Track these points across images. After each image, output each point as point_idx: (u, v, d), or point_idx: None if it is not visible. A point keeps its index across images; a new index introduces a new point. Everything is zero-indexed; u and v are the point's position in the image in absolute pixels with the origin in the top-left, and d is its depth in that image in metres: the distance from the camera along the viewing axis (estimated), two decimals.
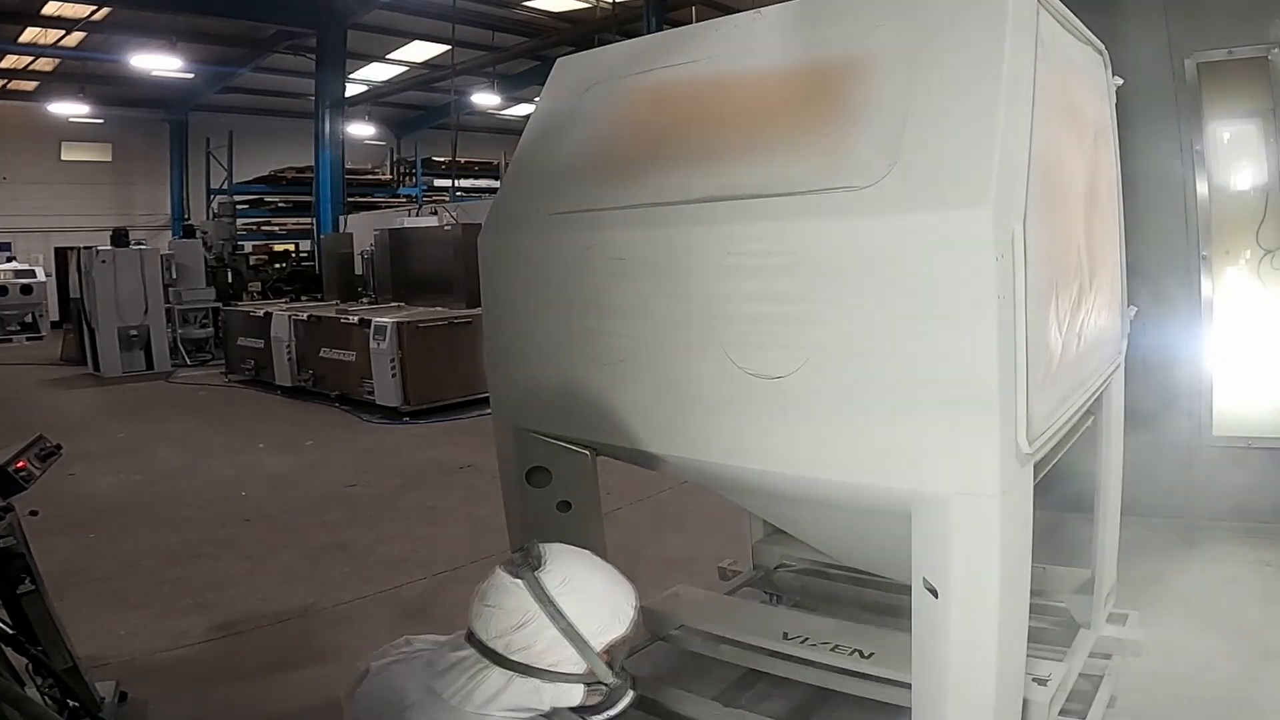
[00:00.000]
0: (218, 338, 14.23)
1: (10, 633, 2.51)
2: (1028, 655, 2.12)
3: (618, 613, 1.55)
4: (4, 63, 18.36)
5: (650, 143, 2.38)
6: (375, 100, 22.14)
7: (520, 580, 1.50)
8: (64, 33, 16.27)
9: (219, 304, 14.49)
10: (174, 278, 13.85)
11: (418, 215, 13.94)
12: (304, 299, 14.26)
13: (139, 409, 10.35)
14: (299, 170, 20.61)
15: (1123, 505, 3.15)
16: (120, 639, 3.97)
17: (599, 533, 2.61)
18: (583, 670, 1.50)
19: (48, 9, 15.25)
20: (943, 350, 1.76)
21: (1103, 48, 2.87)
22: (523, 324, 2.49)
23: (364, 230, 14.97)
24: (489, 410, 2.71)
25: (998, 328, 1.70)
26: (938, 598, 1.85)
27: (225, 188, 20.77)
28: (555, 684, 1.49)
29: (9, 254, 18.22)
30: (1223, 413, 4.66)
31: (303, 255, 20.85)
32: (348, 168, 18.83)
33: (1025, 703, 2.19)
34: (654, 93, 2.46)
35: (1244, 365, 4.68)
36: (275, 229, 22.31)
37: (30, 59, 18.29)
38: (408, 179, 23.94)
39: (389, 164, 24.54)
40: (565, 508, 2.55)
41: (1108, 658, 2.94)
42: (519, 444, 2.55)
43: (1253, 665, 3.21)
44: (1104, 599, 3.01)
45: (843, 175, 1.89)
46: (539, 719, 1.50)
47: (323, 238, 17.16)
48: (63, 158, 22.12)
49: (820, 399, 1.91)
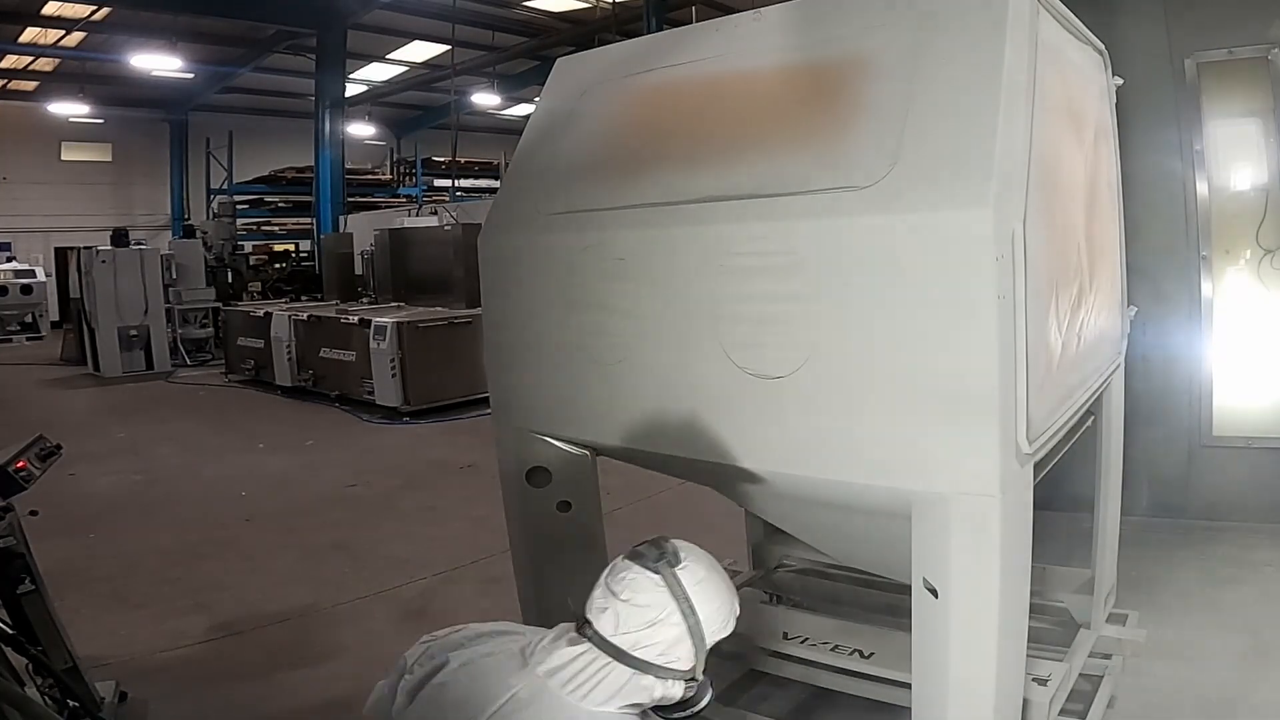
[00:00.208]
0: (218, 338, 14.25)
1: (10, 633, 2.50)
2: (1028, 655, 2.11)
3: (732, 613, 1.57)
4: (4, 63, 18.38)
5: (650, 143, 2.38)
6: (375, 100, 22.16)
7: (659, 576, 1.49)
8: (64, 33, 16.28)
9: (219, 304, 14.51)
10: (174, 278, 13.86)
11: (418, 215, 13.93)
12: (304, 299, 14.27)
13: (139, 409, 10.36)
14: (299, 170, 20.60)
15: (1123, 505, 3.15)
16: (120, 639, 3.97)
17: (599, 533, 2.61)
18: (689, 667, 1.51)
19: (48, 9, 15.26)
20: (943, 350, 1.76)
21: (1103, 48, 2.87)
22: (523, 324, 2.49)
23: (364, 230, 14.98)
24: (489, 410, 2.71)
25: (998, 328, 1.70)
26: (938, 598, 1.85)
27: (225, 188, 20.75)
28: (665, 680, 1.49)
29: (9, 254, 18.27)
30: (1222, 412, 4.66)
31: (303, 255, 20.87)
32: (348, 168, 18.84)
33: (1025, 702, 2.19)
34: (654, 93, 2.46)
35: (1244, 365, 4.68)
36: (275, 229, 22.33)
37: (30, 59, 18.31)
38: (408, 179, 23.94)
39: (389, 164, 24.55)
40: (565, 508, 2.55)
41: (1108, 658, 2.94)
42: (519, 444, 2.55)
43: (1253, 665, 3.21)
44: (1104, 599, 3.01)
45: (843, 175, 1.89)
46: (641, 714, 1.51)
47: (323, 238, 17.17)
48: (63, 158, 22.14)
49: (820, 399, 1.91)
